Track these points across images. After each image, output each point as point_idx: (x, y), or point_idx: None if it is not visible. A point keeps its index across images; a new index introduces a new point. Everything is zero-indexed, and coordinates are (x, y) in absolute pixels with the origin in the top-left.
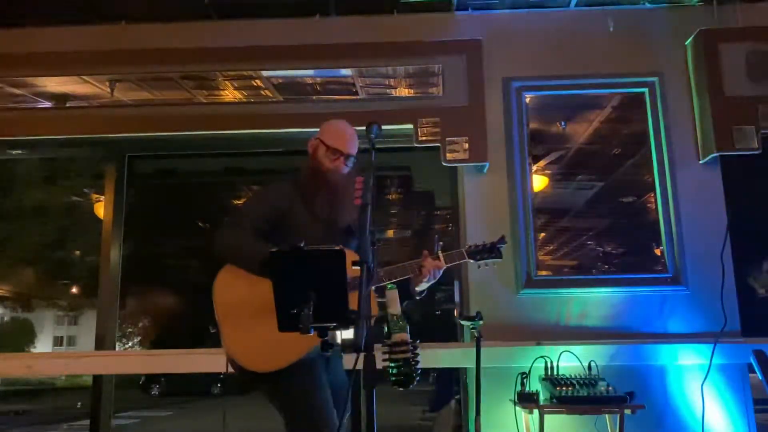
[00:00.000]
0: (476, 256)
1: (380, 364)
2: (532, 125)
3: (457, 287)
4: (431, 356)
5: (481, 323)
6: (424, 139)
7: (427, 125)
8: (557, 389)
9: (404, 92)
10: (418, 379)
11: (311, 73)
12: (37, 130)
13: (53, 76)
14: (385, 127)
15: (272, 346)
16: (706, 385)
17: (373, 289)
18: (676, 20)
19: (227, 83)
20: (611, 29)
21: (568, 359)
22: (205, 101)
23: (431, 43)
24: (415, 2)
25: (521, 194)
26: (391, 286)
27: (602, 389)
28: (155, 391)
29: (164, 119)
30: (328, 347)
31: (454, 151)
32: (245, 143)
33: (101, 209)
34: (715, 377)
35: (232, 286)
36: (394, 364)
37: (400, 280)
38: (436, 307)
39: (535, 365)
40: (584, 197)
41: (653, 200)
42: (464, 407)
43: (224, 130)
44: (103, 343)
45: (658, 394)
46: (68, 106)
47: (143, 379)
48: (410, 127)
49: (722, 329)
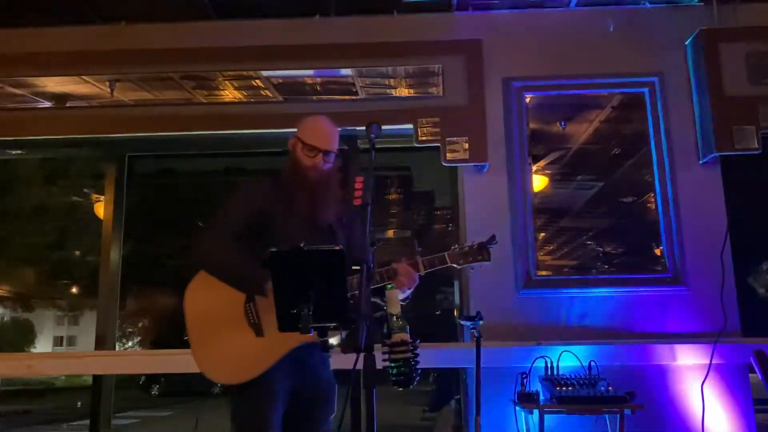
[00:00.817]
0: (460, 260)
1: (380, 364)
2: (532, 125)
3: (457, 287)
4: (431, 356)
5: (481, 323)
6: (424, 139)
7: (427, 125)
8: (557, 389)
9: (404, 92)
10: (418, 379)
11: (311, 73)
12: (37, 130)
13: (53, 76)
14: (385, 127)
15: (238, 358)
16: (706, 385)
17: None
18: (676, 20)
19: (227, 83)
20: (611, 29)
21: (568, 359)
22: (205, 101)
23: (431, 43)
24: (415, 2)
25: (521, 194)
26: (390, 286)
27: (602, 389)
28: (155, 391)
29: (164, 119)
30: (328, 347)
31: (454, 151)
32: (245, 143)
33: (101, 209)
34: (715, 377)
35: (203, 296)
36: (394, 364)
37: (375, 287)
38: (436, 307)
39: (535, 365)
40: (584, 197)
41: (653, 200)
42: (464, 407)
43: (224, 130)
44: (103, 343)
45: (658, 394)
46: (68, 106)
47: (143, 379)
48: (410, 127)
49: (722, 329)
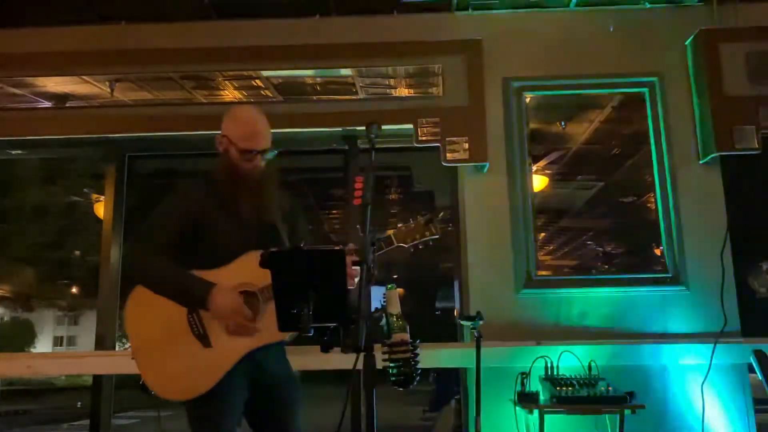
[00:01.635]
0: (407, 238)
1: (380, 364)
2: (532, 125)
3: (457, 287)
4: (431, 356)
5: (481, 323)
6: (424, 139)
7: (427, 125)
8: (557, 389)
9: (404, 92)
10: (418, 379)
11: (311, 73)
12: (37, 130)
13: (53, 76)
14: (385, 127)
15: (188, 373)
16: (706, 385)
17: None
18: (676, 20)
19: (227, 83)
20: (611, 29)
21: (568, 359)
22: (205, 101)
23: (431, 43)
24: (415, 2)
25: (521, 194)
26: (390, 286)
27: (602, 389)
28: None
29: (164, 119)
30: (328, 348)
31: (454, 151)
32: None
33: (101, 209)
34: (715, 377)
35: (143, 312)
36: (394, 364)
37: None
38: (436, 307)
39: (535, 365)
40: (584, 197)
41: (653, 200)
42: (464, 407)
43: None
44: (103, 343)
45: (658, 394)
46: (68, 106)
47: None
48: (410, 127)
49: (722, 329)
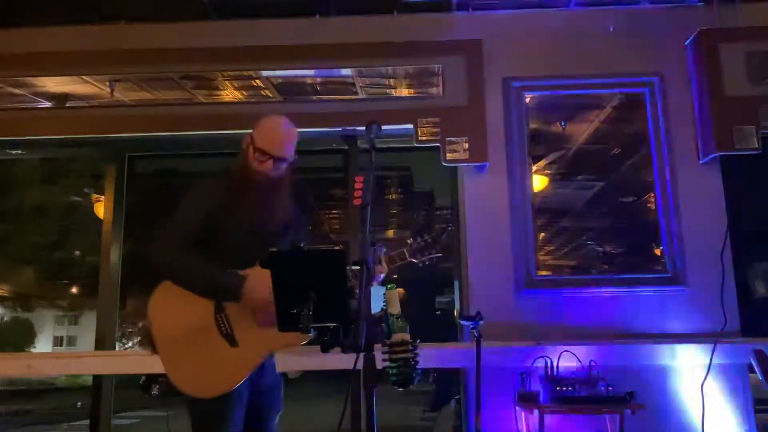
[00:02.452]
0: (418, 254)
1: (380, 364)
2: (532, 125)
3: (457, 287)
4: (431, 356)
5: (481, 323)
6: (424, 139)
7: (427, 125)
8: (557, 389)
9: (404, 92)
10: (418, 379)
11: (311, 73)
12: (37, 130)
13: (53, 76)
14: (385, 127)
15: (215, 370)
16: (706, 385)
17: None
18: (676, 20)
19: (227, 83)
20: (611, 29)
21: (568, 359)
22: (205, 101)
23: (431, 43)
24: (415, 2)
25: (521, 194)
26: (390, 286)
27: (602, 389)
28: (155, 391)
29: (164, 119)
30: (328, 348)
31: (454, 151)
32: None
33: (101, 209)
34: (715, 377)
35: (169, 305)
36: (394, 364)
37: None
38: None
39: (535, 365)
40: (584, 197)
41: (653, 200)
42: (464, 407)
43: (224, 130)
44: (103, 343)
45: (658, 394)
46: (68, 106)
47: (143, 379)
48: (410, 127)
49: (722, 329)
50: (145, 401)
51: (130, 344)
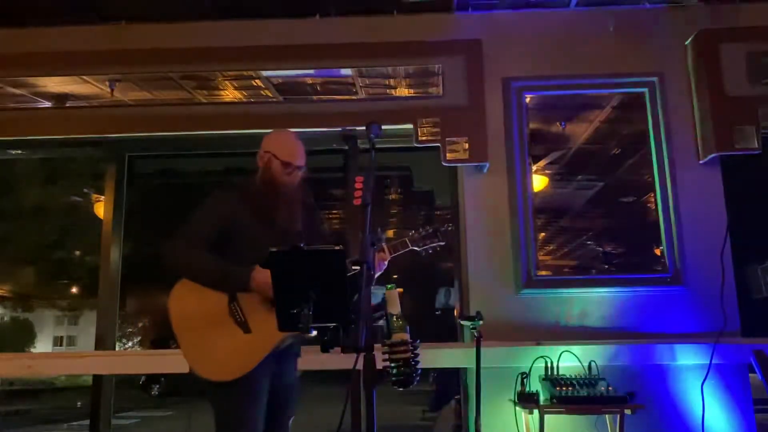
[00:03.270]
0: (419, 243)
1: (380, 364)
2: (532, 125)
3: (457, 287)
4: (431, 356)
5: (481, 323)
6: (424, 139)
7: (427, 125)
8: (557, 389)
9: (404, 92)
10: (418, 379)
11: (311, 73)
12: (37, 130)
13: (53, 76)
14: (385, 127)
15: (230, 355)
16: (706, 385)
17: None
18: (676, 20)
19: (227, 83)
20: (611, 29)
21: (568, 359)
22: (205, 101)
23: (431, 43)
24: (415, 2)
25: (521, 194)
26: (390, 286)
27: (602, 389)
28: (155, 391)
29: (164, 119)
30: (328, 348)
31: (454, 151)
32: (245, 143)
33: (101, 209)
34: (715, 377)
35: (187, 299)
36: (394, 364)
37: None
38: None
39: (535, 365)
40: (584, 197)
41: (653, 200)
42: (464, 407)
43: (224, 130)
44: (103, 343)
45: (658, 394)
46: (68, 106)
47: (143, 379)
48: (410, 127)
49: (722, 329)
50: (145, 401)
51: (130, 344)
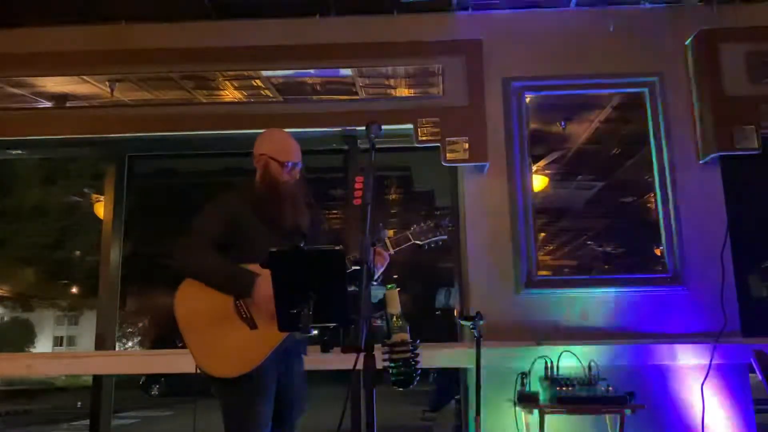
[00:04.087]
0: (421, 237)
1: (380, 364)
2: (532, 125)
3: (457, 287)
4: (431, 356)
5: (481, 323)
6: (424, 139)
7: (427, 125)
8: (557, 389)
9: (404, 92)
10: (418, 379)
11: (311, 73)
12: (37, 130)
13: (53, 76)
14: (385, 127)
15: (237, 351)
16: (706, 385)
17: None
18: (676, 20)
19: (227, 83)
20: (611, 29)
21: (568, 359)
22: (205, 101)
23: (431, 43)
24: (415, 2)
25: (521, 194)
26: (390, 286)
27: (602, 389)
28: (155, 391)
29: (164, 119)
30: (328, 347)
31: (454, 151)
32: (245, 143)
33: (101, 209)
34: (715, 377)
35: (192, 298)
36: (394, 364)
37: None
38: (436, 307)
39: (535, 365)
40: (584, 197)
41: (653, 200)
42: (464, 407)
43: (224, 130)
44: (103, 343)
45: (658, 394)
46: (68, 106)
47: (143, 379)
48: (410, 127)
49: (722, 329)
50: (145, 401)
51: (130, 344)
